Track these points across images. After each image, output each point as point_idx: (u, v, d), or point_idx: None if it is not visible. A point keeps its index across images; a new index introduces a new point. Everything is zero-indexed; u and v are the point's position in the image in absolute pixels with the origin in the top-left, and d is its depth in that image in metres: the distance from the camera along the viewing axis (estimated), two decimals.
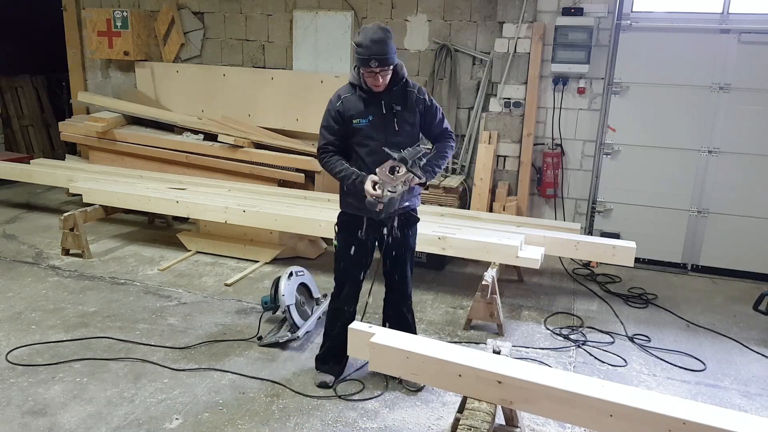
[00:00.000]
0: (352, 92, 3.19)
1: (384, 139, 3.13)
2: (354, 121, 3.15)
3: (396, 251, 3.41)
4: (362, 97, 3.16)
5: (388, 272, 3.51)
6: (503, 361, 2.69)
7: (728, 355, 4.07)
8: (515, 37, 5.67)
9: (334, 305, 3.54)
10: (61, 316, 4.23)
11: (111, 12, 7.03)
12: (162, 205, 5.44)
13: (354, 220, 3.31)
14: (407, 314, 3.59)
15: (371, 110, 3.15)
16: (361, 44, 2.98)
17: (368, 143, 3.16)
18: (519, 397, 2.53)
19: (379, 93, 3.14)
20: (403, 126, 3.19)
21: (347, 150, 3.23)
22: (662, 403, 2.32)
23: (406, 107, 3.19)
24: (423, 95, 3.25)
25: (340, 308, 3.48)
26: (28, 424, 3.04)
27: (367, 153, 3.15)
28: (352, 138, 3.20)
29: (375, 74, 3.03)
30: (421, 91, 3.25)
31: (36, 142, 9.15)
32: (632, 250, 4.57)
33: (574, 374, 2.89)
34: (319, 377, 3.50)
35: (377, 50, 2.95)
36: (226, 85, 6.92)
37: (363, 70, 3.06)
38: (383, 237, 3.33)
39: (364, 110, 3.15)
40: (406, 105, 3.19)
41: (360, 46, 2.99)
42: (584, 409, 2.39)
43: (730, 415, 2.30)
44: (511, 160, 5.95)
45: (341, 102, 3.18)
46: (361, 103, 3.15)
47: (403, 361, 2.72)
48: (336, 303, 3.52)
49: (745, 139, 5.33)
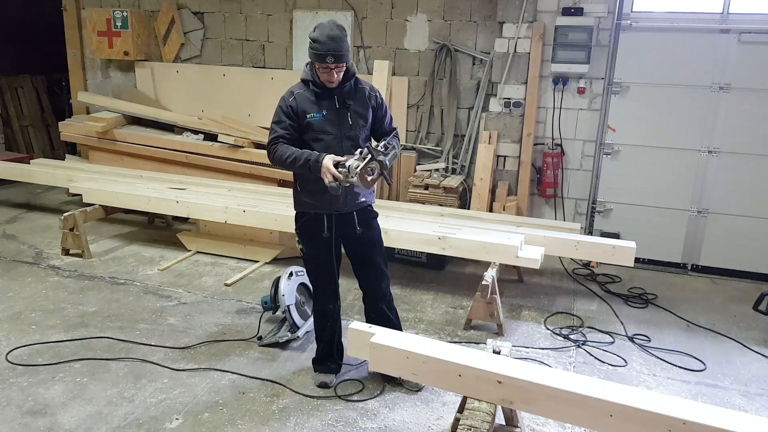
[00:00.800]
0: (305, 88, 3.20)
1: (338, 133, 3.17)
2: (308, 115, 3.15)
3: (363, 249, 3.40)
4: (315, 92, 3.17)
5: (359, 272, 3.48)
6: (503, 361, 2.69)
7: (728, 355, 4.07)
8: (515, 37, 5.67)
9: (316, 307, 3.55)
10: (61, 316, 4.23)
11: (111, 12, 7.03)
12: (162, 205, 5.44)
13: (315, 219, 3.29)
14: (389, 312, 3.53)
15: (325, 105, 3.17)
16: (317, 40, 3.00)
17: (323, 137, 3.16)
18: (519, 397, 2.52)
19: (332, 89, 3.16)
20: (357, 120, 3.22)
21: (300, 146, 3.19)
22: (662, 403, 2.32)
23: (359, 102, 3.24)
24: (375, 92, 3.31)
25: (322, 309, 3.48)
26: (28, 424, 3.05)
27: (323, 147, 3.13)
28: (305, 134, 3.19)
29: (330, 70, 3.05)
30: (372, 89, 3.31)
31: (36, 142, 9.15)
32: (632, 250, 4.57)
33: (573, 374, 2.90)
34: (318, 378, 3.50)
35: (334, 47, 2.98)
36: (226, 85, 6.92)
37: (318, 65, 3.07)
38: (346, 235, 3.33)
39: (317, 105, 3.16)
40: (357, 100, 3.23)
41: (316, 41, 3.01)
42: (584, 409, 2.39)
43: (730, 415, 2.30)
44: (511, 160, 5.95)
45: (294, 98, 3.18)
46: (314, 98, 3.17)
47: (403, 361, 2.72)
48: (318, 305, 3.52)
49: (745, 139, 5.33)
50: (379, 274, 3.44)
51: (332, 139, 3.16)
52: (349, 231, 3.32)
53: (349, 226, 3.31)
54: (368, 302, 3.55)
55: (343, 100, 3.20)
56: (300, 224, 3.37)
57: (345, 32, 3.07)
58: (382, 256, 3.46)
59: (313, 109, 3.16)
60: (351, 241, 3.39)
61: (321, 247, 3.31)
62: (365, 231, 3.35)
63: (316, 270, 3.42)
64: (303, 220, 3.35)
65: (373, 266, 3.43)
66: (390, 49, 6.35)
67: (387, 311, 3.52)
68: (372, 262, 3.42)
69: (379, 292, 3.48)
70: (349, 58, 3.11)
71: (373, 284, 3.46)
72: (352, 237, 3.35)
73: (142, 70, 7.27)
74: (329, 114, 3.17)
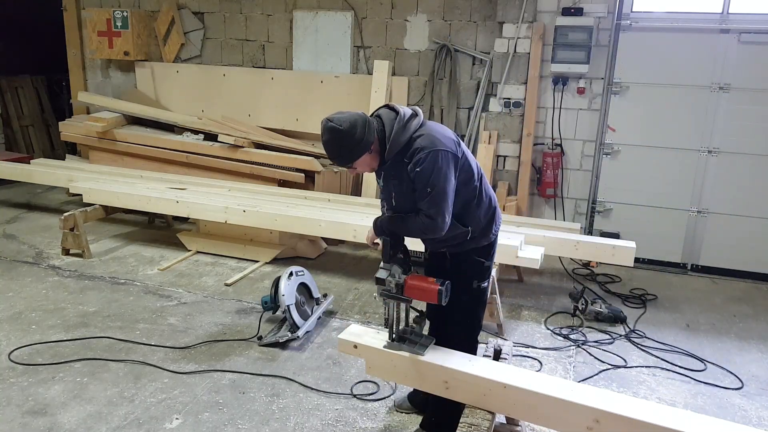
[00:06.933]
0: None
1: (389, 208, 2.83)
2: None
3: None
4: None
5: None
6: (486, 365, 2.70)
7: (728, 355, 4.07)
8: (515, 37, 5.68)
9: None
10: (61, 316, 4.23)
11: (111, 12, 7.04)
12: (162, 205, 5.43)
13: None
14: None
15: (379, 174, 2.83)
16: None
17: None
18: (514, 408, 2.58)
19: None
20: (399, 200, 2.75)
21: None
22: (654, 413, 2.34)
23: (399, 179, 2.67)
24: (419, 166, 2.56)
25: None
26: (28, 423, 3.05)
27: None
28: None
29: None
30: (417, 162, 2.56)
31: (36, 142, 9.15)
32: (632, 250, 4.57)
33: (558, 379, 2.91)
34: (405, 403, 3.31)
35: (329, 153, 2.64)
36: (226, 85, 6.92)
37: None
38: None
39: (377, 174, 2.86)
40: (399, 177, 2.67)
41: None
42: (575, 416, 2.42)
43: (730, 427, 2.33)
44: (510, 160, 5.95)
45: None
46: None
47: (391, 369, 2.77)
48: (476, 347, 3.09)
49: (744, 139, 5.33)
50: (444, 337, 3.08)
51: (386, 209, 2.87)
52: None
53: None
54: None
55: (388, 175, 2.74)
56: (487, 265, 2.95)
57: (339, 133, 2.54)
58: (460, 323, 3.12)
59: (379, 176, 2.83)
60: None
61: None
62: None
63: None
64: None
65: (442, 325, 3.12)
66: (390, 49, 6.35)
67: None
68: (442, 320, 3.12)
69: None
70: (353, 157, 2.61)
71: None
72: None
73: (142, 70, 7.27)
74: (385, 188, 2.81)
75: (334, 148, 2.60)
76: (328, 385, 3.49)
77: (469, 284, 2.85)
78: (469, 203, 2.75)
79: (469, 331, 2.99)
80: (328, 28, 6.50)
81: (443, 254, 2.88)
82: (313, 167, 5.97)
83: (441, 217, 2.58)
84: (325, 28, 6.51)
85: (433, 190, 2.55)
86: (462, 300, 2.83)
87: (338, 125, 2.54)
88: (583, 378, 3.69)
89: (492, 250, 2.91)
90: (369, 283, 5.00)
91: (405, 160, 2.60)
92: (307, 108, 6.58)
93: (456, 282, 2.72)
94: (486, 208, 2.82)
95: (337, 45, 6.50)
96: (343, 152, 2.60)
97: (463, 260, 2.84)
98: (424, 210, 2.59)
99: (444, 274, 2.76)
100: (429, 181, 2.54)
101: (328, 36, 6.52)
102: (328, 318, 4.37)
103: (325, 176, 6.03)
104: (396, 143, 2.60)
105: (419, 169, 2.54)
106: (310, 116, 6.57)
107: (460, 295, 2.78)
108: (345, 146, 2.57)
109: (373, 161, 2.69)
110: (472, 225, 2.76)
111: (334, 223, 4.83)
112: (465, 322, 2.94)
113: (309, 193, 5.84)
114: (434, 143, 2.57)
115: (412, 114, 2.67)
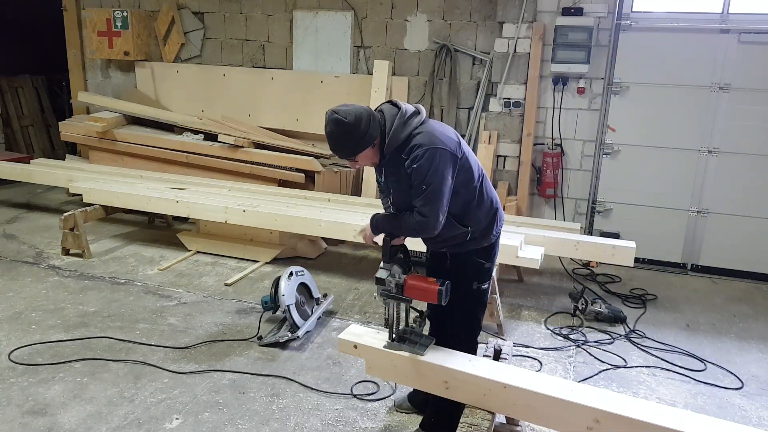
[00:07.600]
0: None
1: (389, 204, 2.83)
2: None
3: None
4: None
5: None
6: (488, 367, 2.69)
7: (728, 355, 4.07)
8: (515, 37, 5.68)
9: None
10: (61, 316, 4.23)
11: (111, 12, 7.04)
12: (162, 205, 5.43)
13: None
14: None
15: (380, 172, 2.83)
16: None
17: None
18: (514, 408, 2.57)
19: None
20: (397, 195, 2.75)
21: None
22: (654, 413, 2.33)
23: (398, 176, 2.67)
24: (416, 162, 2.55)
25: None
26: (28, 423, 3.05)
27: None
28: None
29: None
30: (415, 159, 2.56)
31: (36, 142, 9.16)
32: (632, 250, 4.57)
33: (557, 379, 2.90)
34: (405, 403, 3.31)
35: (332, 145, 2.64)
36: (226, 85, 6.93)
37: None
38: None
39: (377, 171, 2.85)
40: (397, 173, 2.67)
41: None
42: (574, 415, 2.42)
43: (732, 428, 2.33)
44: (510, 160, 5.95)
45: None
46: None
47: (391, 369, 2.77)
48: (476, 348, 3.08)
49: (744, 139, 5.33)
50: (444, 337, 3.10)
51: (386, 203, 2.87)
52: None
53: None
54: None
55: (387, 171, 2.74)
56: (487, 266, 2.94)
57: (343, 127, 2.53)
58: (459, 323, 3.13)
59: (379, 172, 2.83)
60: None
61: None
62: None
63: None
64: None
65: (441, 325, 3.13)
66: (390, 49, 6.35)
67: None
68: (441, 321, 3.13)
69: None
70: (354, 152, 2.62)
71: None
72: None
73: (142, 70, 7.28)
74: (384, 184, 2.82)
75: (338, 141, 2.60)
76: (328, 385, 3.49)
77: (469, 285, 2.85)
78: (469, 203, 2.75)
79: (469, 331, 2.98)
80: (328, 28, 6.50)
81: (444, 254, 2.87)
82: (313, 167, 5.97)
83: (434, 216, 2.57)
84: (325, 28, 6.51)
85: (428, 187, 2.54)
86: (462, 301, 2.83)
87: (343, 117, 2.54)
88: (583, 378, 3.69)
89: (493, 251, 2.91)
90: (369, 283, 5.00)
91: (403, 157, 2.60)
92: (307, 108, 6.58)
93: (456, 283, 2.72)
94: (487, 208, 2.82)
95: (337, 45, 6.50)
96: (347, 145, 2.60)
97: (463, 261, 2.83)
98: (418, 208, 2.58)
99: (444, 274, 2.76)
100: (425, 178, 2.53)
101: (328, 36, 6.52)
102: (328, 318, 4.37)
103: (325, 176, 6.03)
104: (395, 139, 2.60)
105: (416, 165, 2.54)
106: (310, 116, 6.57)
107: (460, 296, 2.78)
108: (349, 139, 2.57)
109: (375, 156, 2.70)
110: (473, 225, 2.76)
111: (334, 223, 4.83)
112: (465, 322, 2.94)
113: (309, 193, 5.84)
114: (433, 141, 2.57)
115: (414, 111, 2.67)
